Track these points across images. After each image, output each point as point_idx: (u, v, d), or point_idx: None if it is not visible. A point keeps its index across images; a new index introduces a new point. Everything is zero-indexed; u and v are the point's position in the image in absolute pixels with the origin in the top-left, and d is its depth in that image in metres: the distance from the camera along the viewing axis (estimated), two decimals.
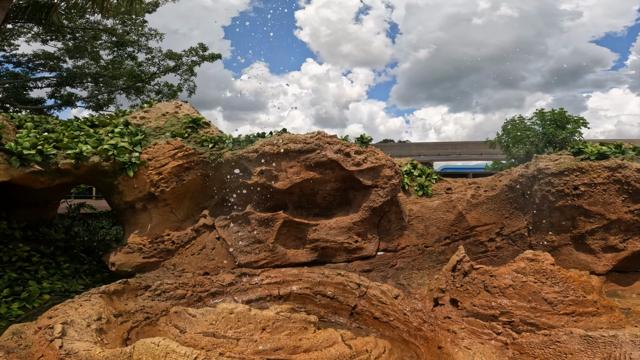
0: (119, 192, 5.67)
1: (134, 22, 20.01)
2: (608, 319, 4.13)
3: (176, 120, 6.79)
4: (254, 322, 3.19)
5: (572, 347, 3.52)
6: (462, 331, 4.35)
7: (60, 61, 21.57)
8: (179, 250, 5.83)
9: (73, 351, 2.81)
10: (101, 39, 20.76)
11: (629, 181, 5.52)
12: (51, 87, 22.47)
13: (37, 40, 21.09)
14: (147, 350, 2.45)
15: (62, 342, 2.93)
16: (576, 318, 4.02)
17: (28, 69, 22.84)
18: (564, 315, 3.96)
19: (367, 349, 3.57)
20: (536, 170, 5.97)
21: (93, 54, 20.62)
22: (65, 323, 3.16)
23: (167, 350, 2.40)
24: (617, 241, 5.78)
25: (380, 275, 6.26)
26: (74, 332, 3.14)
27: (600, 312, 4.13)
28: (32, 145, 5.14)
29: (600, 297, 4.28)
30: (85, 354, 2.74)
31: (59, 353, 2.86)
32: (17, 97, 21.92)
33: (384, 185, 5.91)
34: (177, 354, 2.37)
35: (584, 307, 4.03)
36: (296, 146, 5.85)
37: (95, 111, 22.00)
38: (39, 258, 5.83)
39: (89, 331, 3.36)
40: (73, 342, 2.94)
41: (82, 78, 21.26)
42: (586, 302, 4.04)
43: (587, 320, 4.06)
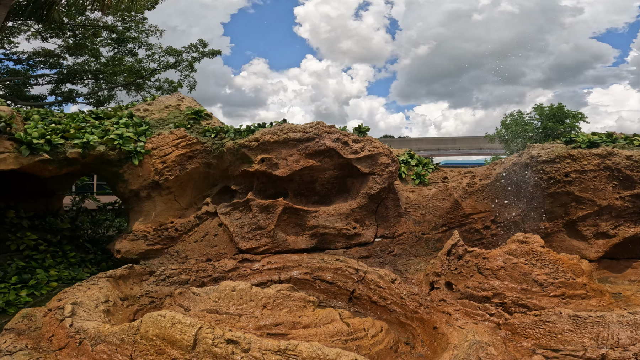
0: (124, 180, 5.82)
1: (134, 19, 20.03)
2: (598, 302, 4.30)
3: (179, 113, 6.92)
4: (255, 299, 3.36)
5: (561, 327, 3.69)
6: (457, 312, 4.53)
7: (61, 58, 21.61)
8: (182, 237, 5.99)
9: (83, 329, 2.98)
10: (101, 36, 20.78)
11: (619, 168, 5.67)
12: (52, 84, 22.53)
13: (37, 38, 21.10)
14: (154, 323, 2.61)
15: (72, 321, 3.09)
16: (566, 300, 4.18)
17: (28, 66, 22.88)
18: (554, 297, 4.14)
19: (364, 327, 3.74)
20: (529, 158, 6.11)
21: (93, 51, 20.65)
22: (74, 304, 3.33)
23: (173, 321, 2.56)
24: (608, 227, 5.94)
25: (378, 261, 6.44)
26: (83, 313, 3.31)
27: (590, 295, 4.30)
28: (40, 135, 5.29)
29: (590, 280, 4.45)
30: (95, 330, 2.90)
31: (69, 331, 3.03)
32: (18, 94, 22.00)
33: (381, 173, 6.06)
34: (183, 324, 2.54)
35: (574, 290, 4.20)
36: (296, 135, 6.00)
37: (96, 107, 22.11)
38: (46, 247, 5.99)
39: (97, 312, 3.53)
40: (82, 321, 3.11)
41: (83, 75, 21.31)
42: (576, 284, 4.21)
43: (577, 303, 4.23)
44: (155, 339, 2.55)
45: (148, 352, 2.54)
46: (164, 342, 2.53)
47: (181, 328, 2.51)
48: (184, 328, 2.51)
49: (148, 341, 2.57)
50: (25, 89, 23.18)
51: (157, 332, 2.56)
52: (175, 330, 2.52)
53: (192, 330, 2.49)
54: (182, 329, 2.51)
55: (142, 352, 2.55)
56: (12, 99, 22.03)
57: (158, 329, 2.56)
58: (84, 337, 2.82)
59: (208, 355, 2.37)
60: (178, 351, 2.47)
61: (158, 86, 21.53)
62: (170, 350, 2.49)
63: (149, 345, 2.55)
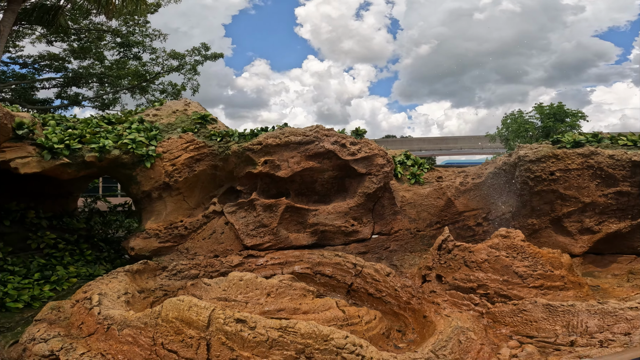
0: (137, 182, 6.23)
1: (137, 22, 20.42)
2: (575, 294, 4.66)
3: (186, 117, 7.33)
4: (260, 288, 3.75)
5: (536, 315, 4.06)
6: (445, 302, 4.92)
7: (66, 62, 21.99)
8: (191, 235, 6.40)
9: (110, 316, 3.38)
10: (105, 39, 21.16)
11: (601, 167, 6.02)
12: (57, 88, 22.93)
13: (42, 42, 21.46)
14: (174, 307, 3.01)
15: (100, 309, 3.50)
16: (544, 291, 4.55)
17: (34, 70, 23.26)
18: (533, 288, 4.51)
19: (359, 315, 4.14)
20: (517, 158, 6.47)
21: (98, 54, 21.05)
22: (100, 294, 3.73)
23: (190, 305, 2.96)
24: (592, 223, 6.29)
25: (375, 257, 6.82)
26: (107, 302, 3.72)
27: (567, 286, 4.67)
28: (60, 140, 5.70)
29: (568, 273, 4.81)
30: (120, 317, 3.31)
31: (98, 318, 3.43)
32: (25, 97, 22.41)
33: (377, 173, 6.44)
34: (198, 307, 2.93)
35: (552, 281, 4.57)
36: (296, 138, 6.38)
37: (102, 110, 22.50)
38: (64, 245, 6.42)
39: (119, 302, 3.94)
40: (109, 309, 3.52)
41: (88, 78, 21.70)
42: (554, 276, 4.57)
43: (555, 294, 4.59)
44: (174, 321, 2.95)
45: (168, 333, 2.93)
46: (182, 323, 2.93)
47: (197, 310, 2.91)
48: (200, 310, 2.90)
49: (168, 323, 2.96)
50: (31, 92, 23.62)
51: (176, 314, 2.96)
52: (192, 313, 2.92)
53: (206, 312, 2.89)
54: (198, 311, 2.90)
55: (163, 333, 2.95)
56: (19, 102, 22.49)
57: (177, 312, 2.96)
58: (111, 323, 3.22)
59: (220, 333, 2.77)
60: (194, 331, 2.86)
61: (162, 89, 21.94)
62: (187, 330, 2.89)
63: (169, 327, 2.95)
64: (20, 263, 5.69)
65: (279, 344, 2.65)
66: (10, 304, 4.75)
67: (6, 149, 5.42)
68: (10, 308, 4.73)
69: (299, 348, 2.62)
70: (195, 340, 2.82)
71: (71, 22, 19.75)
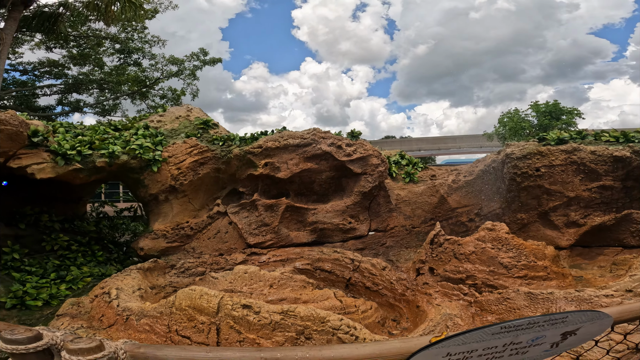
0: (145, 185, 6.57)
1: (135, 28, 20.74)
2: (558, 283, 4.99)
3: (188, 123, 7.67)
4: (263, 280, 4.09)
5: (519, 303, 4.38)
6: (436, 293, 5.25)
7: (65, 68, 22.27)
8: (196, 235, 6.73)
9: (128, 308, 3.71)
10: (104, 45, 21.45)
11: (584, 162, 6.34)
12: (58, 94, 23.21)
13: (41, 48, 21.72)
14: (186, 296, 3.34)
15: (119, 302, 3.83)
16: (528, 281, 4.88)
17: (34, 77, 23.52)
18: (517, 278, 4.83)
19: (355, 305, 4.47)
20: (505, 156, 6.80)
21: (97, 61, 21.35)
22: (117, 289, 4.07)
23: (201, 293, 3.28)
24: (577, 217, 6.61)
25: (372, 252, 7.15)
26: (124, 296, 4.05)
27: (551, 277, 4.99)
28: (71, 147, 6.04)
29: (552, 264, 5.13)
30: (138, 308, 3.64)
31: (117, 310, 3.77)
32: (27, 104, 22.69)
33: (372, 173, 6.77)
34: (209, 295, 3.26)
35: (535, 272, 4.89)
36: (295, 141, 6.71)
37: (102, 116, 22.79)
38: (77, 247, 6.76)
39: (134, 296, 4.28)
40: (126, 302, 3.85)
41: (88, 85, 21.99)
42: (537, 267, 4.90)
43: (538, 284, 4.91)
44: (187, 309, 3.28)
45: (182, 320, 3.26)
46: (194, 310, 3.26)
47: (207, 298, 3.23)
48: (210, 298, 3.23)
49: (181, 311, 3.29)
50: (33, 99, 23.90)
51: (188, 303, 3.29)
52: (203, 300, 3.24)
53: (215, 300, 3.21)
54: (208, 299, 3.23)
55: (177, 320, 3.27)
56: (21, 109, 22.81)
57: (189, 301, 3.28)
58: (130, 314, 3.55)
59: (228, 318, 3.09)
60: (205, 317, 3.19)
61: (162, 94, 22.27)
62: (199, 316, 3.21)
63: (182, 315, 3.28)
64: (36, 264, 6.03)
65: (281, 326, 2.98)
66: (30, 302, 5.09)
67: (22, 156, 5.77)
68: (30, 306, 5.07)
69: (298, 329, 2.95)
70: (206, 325, 3.15)
71: (70, 28, 20.02)
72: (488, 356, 1.23)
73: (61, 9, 17.63)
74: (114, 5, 16.33)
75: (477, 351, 1.20)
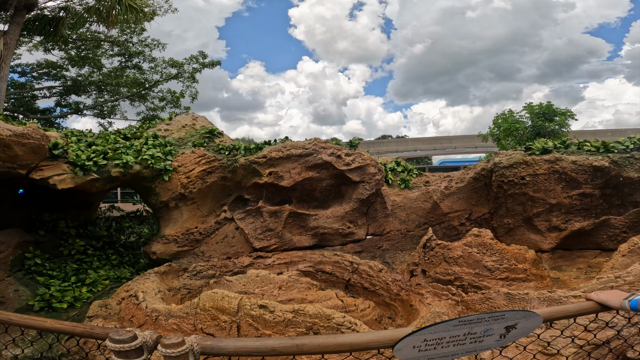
0: (156, 193, 7.01)
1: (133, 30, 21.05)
2: (536, 285, 5.50)
3: (194, 131, 8.13)
4: (273, 282, 4.56)
5: (499, 303, 4.88)
6: (428, 293, 5.74)
7: (64, 70, 22.52)
8: (205, 240, 7.19)
9: (156, 309, 4.17)
10: (103, 47, 21.74)
11: (565, 171, 6.86)
12: (57, 96, 23.46)
13: (39, 50, 21.96)
14: (209, 298, 3.80)
15: (147, 304, 4.29)
16: (509, 282, 5.39)
17: (33, 78, 23.73)
18: (499, 280, 5.34)
19: (355, 304, 4.96)
20: (493, 165, 7.31)
21: (96, 62, 21.64)
22: (143, 292, 4.52)
23: (223, 296, 3.75)
24: (559, 222, 7.14)
25: (369, 255, 7.64)
26: (150, 298, 4.50)
27: (530, 278, 5.50)
28: (87, 158, 6.47)
29: (532, 266, 5.65)
30: (165, 309, 4.10)
31: (146, 311, 4.22)
32: (27, 106, 22.92)
33: (369, 181, 7.26)
34: (230, 297, 3.73)
35: (516, 274, 5.40)
36: (297, 151, 7.18)
37: (102, 118, 23.06)
38: (93, 251, 7.19)
39: (157, 298, 4.73)
40: (152, 304, 4.31)
41: (87, 86, 22.28)
42: (517, 269, 5.41)
43: (518, 285, 5.42)
44: (210, 309, 3.74)
45: (206, 319, 3.72)
46: (217, 310, 3.72)
47: (228, 300, 3.70)
48: (230, 299, 3.69)
49: (205, 312, 3.75)
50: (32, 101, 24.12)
51: (211, 304, 3.75)
52: (225, 302, 3.70)
53: (235, 301, 3.68)
54: (229, 300, 3.69)
55: (202, 320, 3.73)
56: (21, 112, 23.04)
57: (212, 302, 3.75)
58: (158, 314, 4.00)
59: (247, 317, 3.56)
60: (227, 316, 3.65)
61: (161, 97, 22.62)
62: (221, 316, 3.67)
63: (206, 315, 3.74)
64: (57, 268, 6.46)
65: (292, 323, 3.45)
66: (56, 304, 5.53)
67: (44, 167, 6.19)
68: (56, 308, 5.51)
69: (308, 325, 3.42)
70: (228, 323, 3.61)
71: (69, 30, 20.27)
72: (454, 343, 1.72)
73: (62, 13, 17.93)
74: (115, 10, 16.68)
75: (446, 339, 1.69)
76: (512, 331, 1.83)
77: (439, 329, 1.68)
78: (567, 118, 24.34)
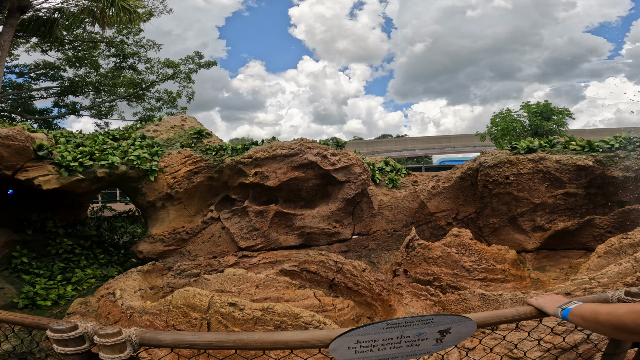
0: (143, 193, 7.07)
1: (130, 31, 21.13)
2: (514, 285, 5.52)
3: (183, 132, 8.18)
4: (250, 281, 4.61)
5: (474, 304, 4.90)
6: (407, 294, 5.78)
7: (61, 70, 22.62)
8: (191, 239, 7.25)
9: (131, 306, 4.23)
10: (100, 48, 21.83)
11: (549, 171, 6.88)
12: (54, 97, 23.57)
13: (36, 50, 22.05)
14: (182, 296, 3.85)
15: (123, 301, 4.35)
16: (487, 283, 5.41)
17: (30, 79, 23.85)
18: (477, 280, 5.37)
19: (332, 303, 5.00)
20: (478, 164, 7.34)
21: (92, 63, 21.73)
22: (121, 289, 4.58)
23: (194, 293, 3.81)
24: (543, 222, 7.15)
25: (355, 255, 7.68)
26: (127, 296, 4.56)
27: (508, 279, 5.53)
28: (73, 158, 6.53)
29: (511, 267, 5.67)
30: (140, 306, 4.15)
31: (122, 308, 4.28)
32: (24, 107, 23.03)
33: (355, 181, 7.31)
34: (201, 295, 3.78)
35: (494, 274, 5.43)
36: (282, 151, 7.23)
37: (99, 119, 23.16)
38: (80, 250, 7.26)
39: (136, 296, 4.79)
40: (129, 301, 4.37)
41: (84, 87, 22.38)
42: (496, 270, 5.44)
43: (496, 286, 5.44)
44: (182, 306, 3.80)
45: (178, 317, 3.78)
46: (188, 308, 3.78)
47: (200, 297, 3.76)
48: (201, 297, 3.75)
49: (177, 309, 3.81)
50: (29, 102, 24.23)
51: (183, 301, 3.81)
52: (196, 299, 3.76)
53: (206, 299, 3.74)
54: (200, 298, 3.75)
55: (174, 317, 3.79)
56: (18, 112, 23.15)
57: (184, 299, 3.80)
58: (133, 311, 4.06)
59: (217, 314, 3.61)
60: (198, 313, 3.71)
61: (158, 97, 22.70)
62: (192, 313, 3.73)
63: (178, 312, 3.79)
64: (43, 267, 6.53)
65: (261, 321, 3.50)
66: (40, 302, 5.60)
67: (29, 168, 6.26)
68: (40, 306, 5.58)
69: (276, 324, 3.47)
70: (199, 320, 3.67)
71: (65, 31, 20.35)
72: (389, 345, 1.75)
73: (57, 14, 18.01)
74: (109, 10, 16.75)
75: (379, 341, 1.73)
76: (447, 336, 1.85)
77: (368, 330, 1.71)
78: (565, 117, 24.35)
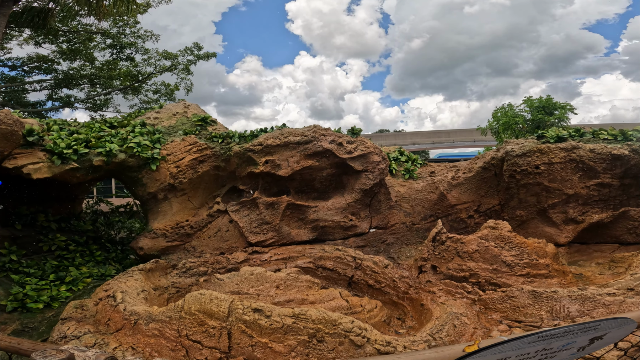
0: (143, 184, 6.48)
1: (126, 22, 20.40)
2: (559, 281, 5.03)
3: (186, 119, 7.58)
4: (269, 281, 4.07)
5: (523, 302, 4.41)
6: (440, 291, 5.27)
7: (55, 63, 21.88)
8: (197, 234, 6.68)
9: (135, 312, 3.66)
10: (95, 40, 21.10)
11: (583, 160, 6.39)
12: (48, 90, 22.83)
13: (29, 43, 21.30)
14: (195, 300, 3.30)
15: (125, 306, 3.78)
16: (531, 279, 4.91)
17: (23, 72, 23.11)
18: (520, 276, 4.86)
19: (361, 304, 4.47)
20: (504, 153, 6.83)
21: (88, 55, 20.99)
22: (122, 292, 4.01)
23: (211, 298, 3.25)
24: (576, 214, 6.68)
25: (373, 250, 7.16)
26: (130, 299, 4.00)
27: (552, 274, 5.03)
28: (67, 145, 5.93)
29: (553, 261, 5.17)
30: (146, 312, 3.59)
31: (124, 314, 3.72)
32: (17, 100, 22.28)
33: (373, 170, 6.76)
34: (219, 299, 3.23)
35: (537, 270, 4.93)
36: (295, 138, 6.66)
37: (94, 112, 22.46)
38: (75, 247, 6.66)
39: (139, 299, 4.23)
40: (133, 305, 3.80)
41: (79, 80, 21.65)
42: (539, 265, 4.94)
43: (540, 281, 4.95)
44: (197, 313, 3.25)
45: (192, 325, 3.23)
46: (204, 315, 3.22)
47: (217, 302, 3.20)
48: (220, 302, 3.20)
49: (191, 316, 3.26)
50: (23, 95, 23.48)
51: (198, 307, 3.26)
52: (213, 305, 3.21)
53: (226, 304, 3.19)
54: (219, 303, 3.20)
55: (187, 325, 3.24)
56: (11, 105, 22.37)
57: (199, 305, 3.25)
58: (137, 318, 3.51)
59: (239, 322, 3.07)
60: (216, 321, 3.16)
61: (155, 89, 21.97)
62: (209, 321, 3.18)
63: (192, 319, 3.24)
64: (34, 265, 5.93)
65: (292, 330, 2.97)
66: (31, 304, 5.01)
67: (18, 155, 5.65)
68: (31, 309, 4.99)
69: (310, 332, 2.94)
70: (217, 330, 3.12)
71: (60, 23, 19.65)
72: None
73: (51, 4, 17.26)
74: (106, 0, 16.06)
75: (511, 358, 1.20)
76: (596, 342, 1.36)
77: (506, 348, 1.19)
78: (567, 112, 23.94)
